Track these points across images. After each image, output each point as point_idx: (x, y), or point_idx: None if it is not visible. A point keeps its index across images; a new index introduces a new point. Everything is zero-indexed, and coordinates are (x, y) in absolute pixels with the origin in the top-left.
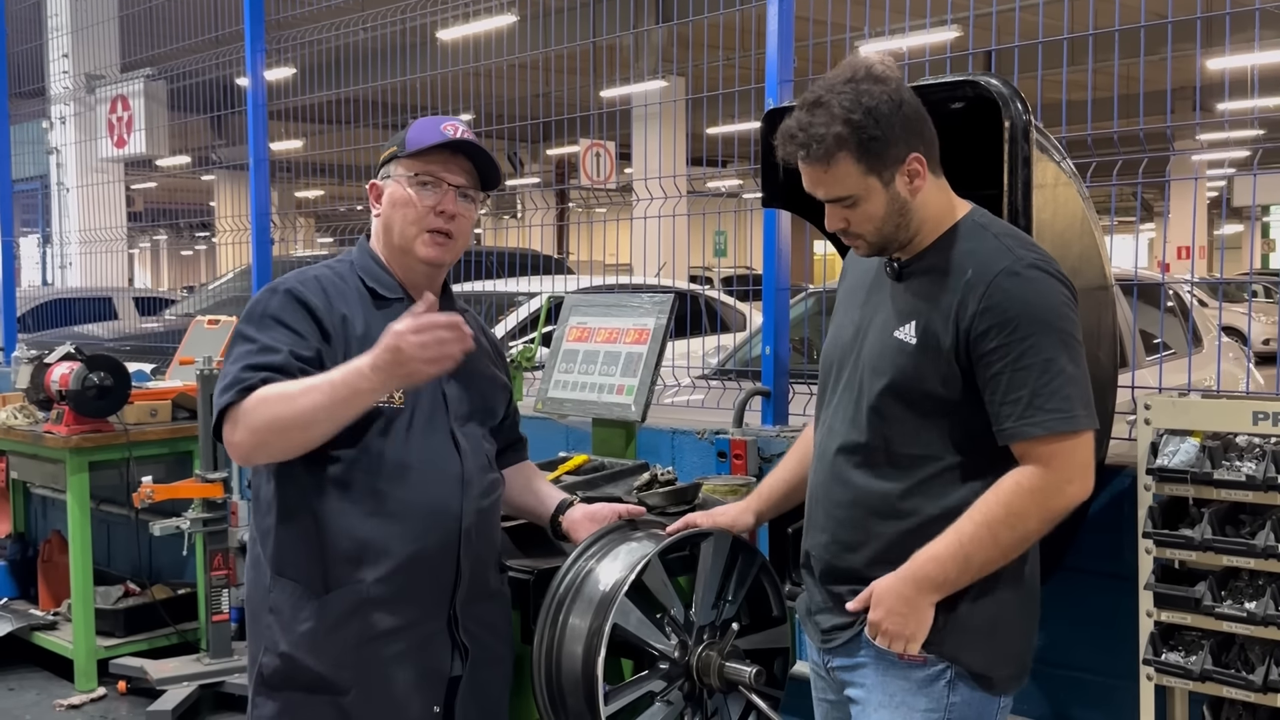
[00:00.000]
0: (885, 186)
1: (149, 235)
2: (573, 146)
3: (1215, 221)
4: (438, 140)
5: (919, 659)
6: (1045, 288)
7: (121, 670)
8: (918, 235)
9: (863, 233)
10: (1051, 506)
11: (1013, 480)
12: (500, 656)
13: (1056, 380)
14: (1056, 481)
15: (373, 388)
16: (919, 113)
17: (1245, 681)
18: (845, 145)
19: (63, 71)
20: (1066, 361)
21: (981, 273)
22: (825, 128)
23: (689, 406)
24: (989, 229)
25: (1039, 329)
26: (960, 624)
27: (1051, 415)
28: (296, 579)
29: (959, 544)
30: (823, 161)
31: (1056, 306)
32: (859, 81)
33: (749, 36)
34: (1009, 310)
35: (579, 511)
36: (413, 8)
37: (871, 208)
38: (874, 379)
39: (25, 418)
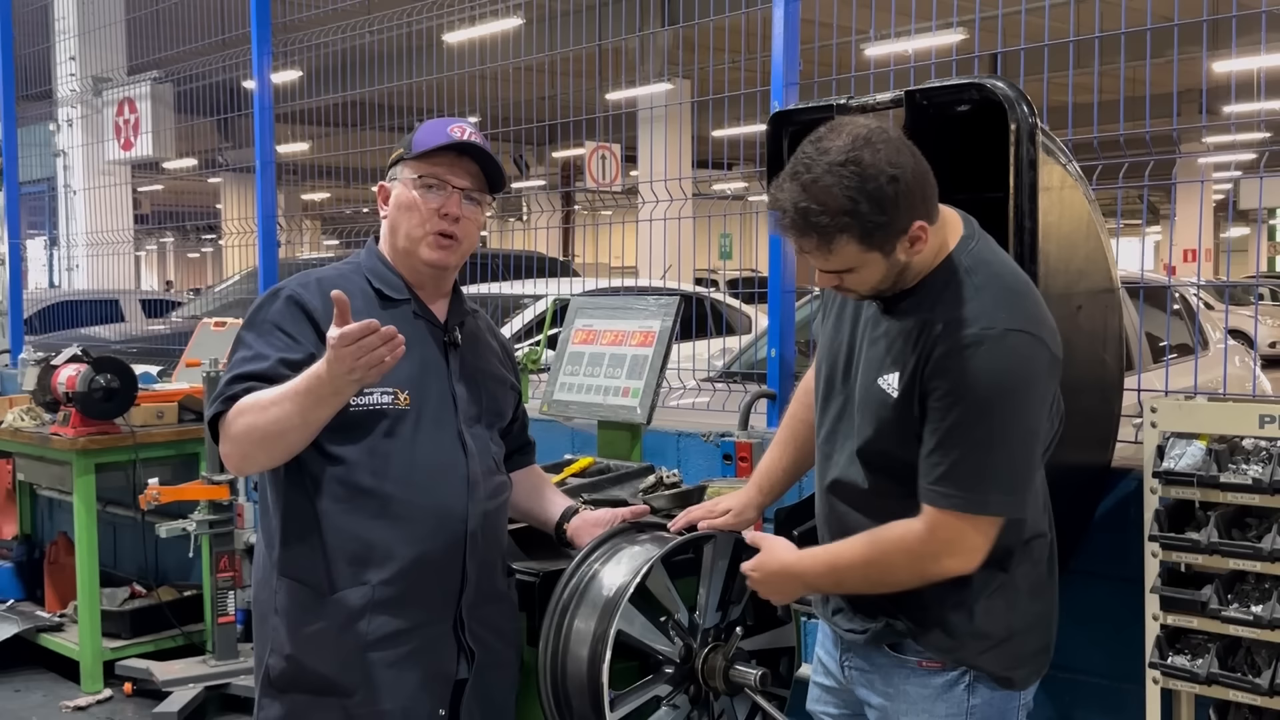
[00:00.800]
0: (886, 257)
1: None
2: (578, 149)
3: (1221, 224)
4: (442, 142)
5: (936, 664)
6: (1006, 364)
7: (127, 672)
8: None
9: (855, 289)
10: (925, 570)
11: (900, 533)
12: (506, 660)
13: (982, 459)
14: (938, 553)
15: (332, 392)
16: (920, 175)
17: (1252, 685)
18: (848, 230)
19: (70, 74)
20: (1000, 446)
21: (950, 329)
22: (826, 217)
23: (694, 409)
24: (974, 275)
25: (985, 405)
26: (977, 634)
27: (959, 496)
28: (302, 581)
29: (834, 568)
30: (821, 247)
31: (1012, 387)
32: (859, 160)
33: (754, 39)
34: (964, 378)
35: (583, 519)
36: (419, 11)
37: (869, 274)
38: (863, 424)
39: (32, 420)
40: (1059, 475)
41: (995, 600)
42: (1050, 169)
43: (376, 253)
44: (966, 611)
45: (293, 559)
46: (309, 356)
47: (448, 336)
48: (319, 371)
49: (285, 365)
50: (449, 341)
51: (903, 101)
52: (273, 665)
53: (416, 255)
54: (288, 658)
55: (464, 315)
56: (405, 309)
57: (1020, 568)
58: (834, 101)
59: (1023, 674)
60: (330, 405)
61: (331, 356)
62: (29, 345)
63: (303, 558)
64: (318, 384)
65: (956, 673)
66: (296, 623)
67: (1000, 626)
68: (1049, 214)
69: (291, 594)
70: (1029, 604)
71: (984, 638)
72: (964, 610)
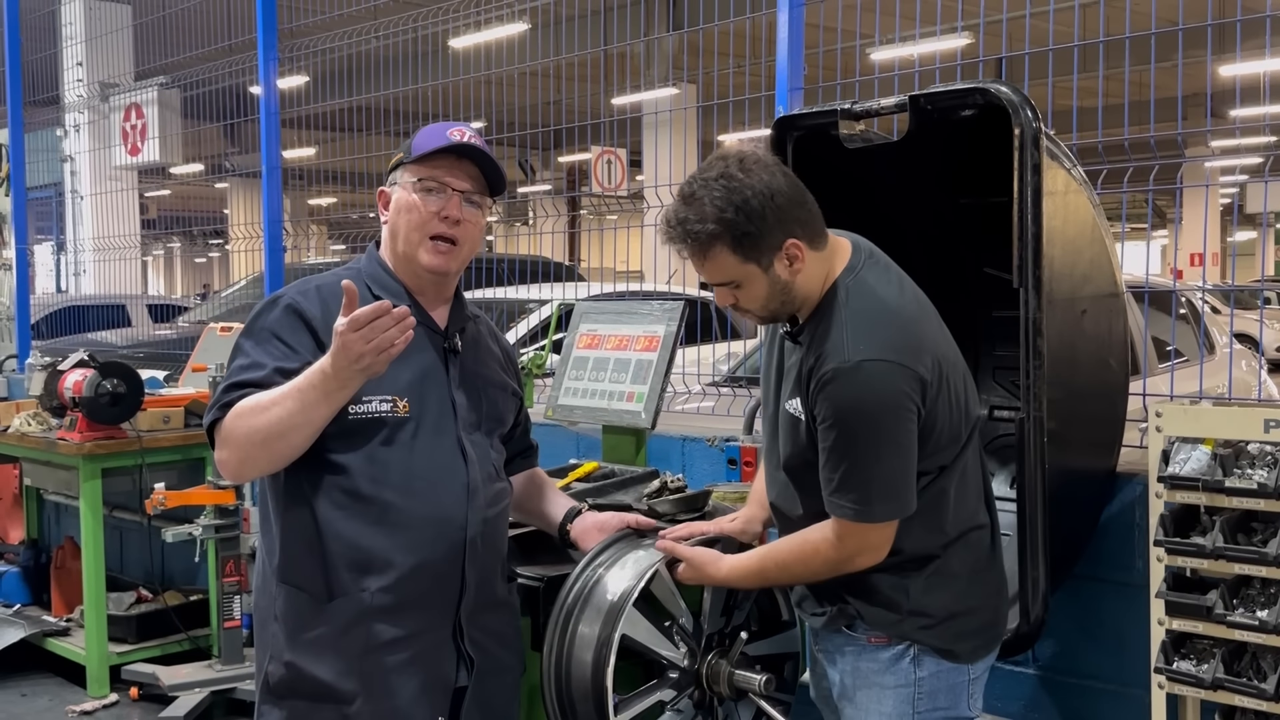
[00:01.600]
0: (765, 272)
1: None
2: (584, 154)
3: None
4: (442, 144)
5: (883, 640)
6: (862, 390)
7: (134, 676)
8: (800, 307)
9: (750, 309)
10: (842, 569)
11: (815, 540)
12: (507, 666)
13: (861, 476)
14: (848, 555)
15: (338, 386)
16: (792, 197)
17: (1257, 690)
18: (720, 239)
19: (77, 80)
20: (873, 461)
21: (819, 363)
22: (700, 224)
23: (699, 414)
24: (847, 304)
25: (851, 430)
26: (916, 611)
27: (848, 507)
28: (301, 587)
29: (762, 570)
30: (699, 255)
31: (871, 409)
32: (730, 175)
33: (759, 44)
34: (836, 405)
35: (587, 520)
36: (425, 16)
37: (754, 290)
38: (783, 443)
39: (39, 424)
40: (1064, 480)
41: (931, 584)
42: (1054, 173)
43: (377, 258)
44: (904, 593)
45: (292, 566)
46: (305, 365)
47: (448, 343)
48: (322, 366)
49: (281, 374)
50: (449, 348)
51: (906, 106)
52: (272, 672)
53: (416, 260)
54: (287, 664)
55: (465, 321)
56: None
57: (956, 556)
58: (838, 106)
59: (966, 648)
60: (333, 401)
61: (338, 345)
62: (36, 350)
63: (302, 564)
64: (321, 379)
65: (901, 647)
66: (296, 629)
67: (938, 607)
68: (1053, 218)
69: (291, 600)
70: (968, 586)
71: (923, 615)
72: (902, 592)
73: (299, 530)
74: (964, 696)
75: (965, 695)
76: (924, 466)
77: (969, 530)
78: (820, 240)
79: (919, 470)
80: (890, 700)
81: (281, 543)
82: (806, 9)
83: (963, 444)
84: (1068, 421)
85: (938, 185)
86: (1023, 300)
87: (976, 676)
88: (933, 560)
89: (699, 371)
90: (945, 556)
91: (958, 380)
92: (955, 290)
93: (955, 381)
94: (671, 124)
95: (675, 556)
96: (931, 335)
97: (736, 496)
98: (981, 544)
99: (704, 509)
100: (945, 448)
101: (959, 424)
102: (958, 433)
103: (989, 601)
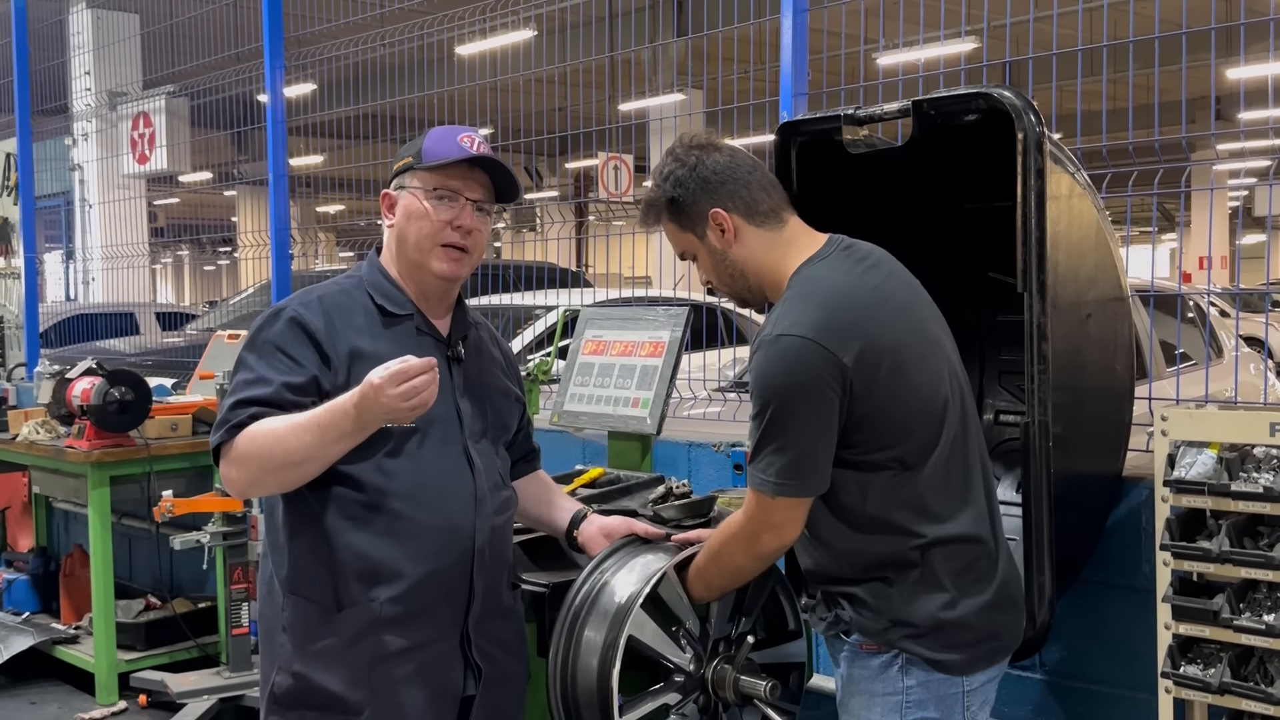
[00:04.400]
0: (701, 240)
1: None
2: (591, 160)
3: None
4: (456, 156)
5: (873, 647)
6: (775, 362)
7: (142, 684)
8: (766, 289)
9: (714, 284)
10: (754, 549)
11: (728, 522)
12: (514, 674)
13: (767, 450)
14: (755, 531)
15: (359, 429)
16: (722, 173)
17: (1265, 695)
18: (659, 209)
19: (85, 89)
20: (779, 434)
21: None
22: (648, 194)
23: (705, 419)
24: (789, 290)
25: (763, 402)
26: (900, 621)
27: (755, 477)
28: (310, 598)
29: (699, 569)
30: (653, 224)
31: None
32: (673, 153)
33: (765, 49)
34: (754, 376)
35: (593, 526)
36: (431, 24)
37: (702, 260)
38: None
39: (47, 433)
40: (1070, 484)
41: (913, 592)
42: (1058, 178)
43: (378, 266)
44: (886, 600)
45: (300, 576)
46: (311, 380)
47: (451, 351)
48: (345, 408)
49: (289, 389)
50: (452, 356)
51: (910, 111)
52: (279, 683)
53: (427, 267)
54: (295, 675)
55: (467, 328)
56: (408, 325)
57: (941, 565)
58: (842, 112)
59: (958, 660)
60: (352, 440)
61: (372, 396)
62: (44, 358)
63: (310, 575)
64: (344, 419)
65: (889, 655)
66: (304, 640)
67: (923, 616)
68: (1057, 223)
69: (299, 611)
70: (957, 597)
71: (907, 625)
72: (884, 599)
73: (308, 542)
74: (958, 708)
75: (960, 707)
76: (873, 459)
77: (954, 539)
78: (764, 220)
79: (868, 463)
80: (879, 708)
81: (290, 554)
82: (811, 14)
83: (932, 443)
84: (1073, 426)
85: (942, 190)
86: (1027, 305)
87: (974, 688)
88: (913, 569)
89: (705, 377)
90: (927, 565)
91: (920, 375)
92: (960, 294)
93: (912, 376)
94: (678, 129)
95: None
96: (878, 324)
97: (743, 502)
98: (971, 554)
99: (710, 515)
100: (896, 443)
101: (914, 420)
102: (911, 429)
103: (986, 615)
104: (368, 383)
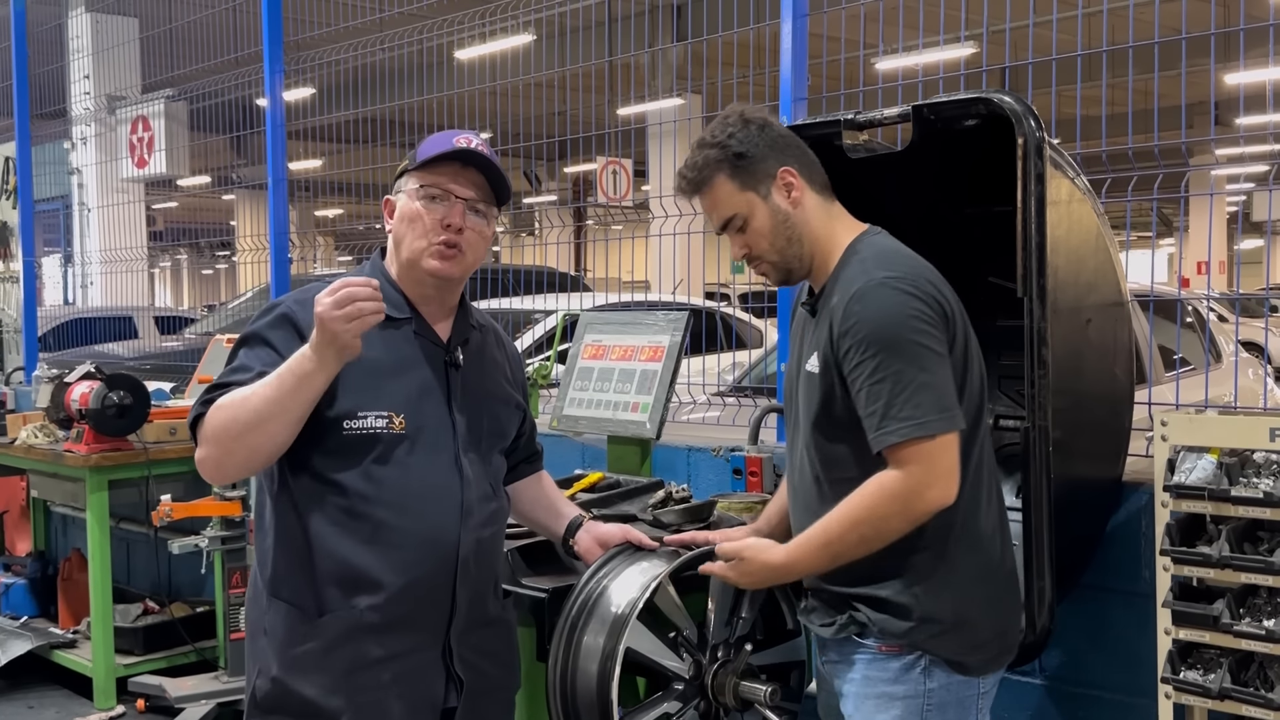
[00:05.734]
0: (764, 200)
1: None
2: (590, 164)
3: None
4: (446, 150)
5: (895, 649)
6: (890, 303)
7: (140, 688)
8: (815, 260)
9: (761, 253)
10: (913, 508)
11: (877, 483)
12: (500, 684)
13: (907, 390)
14: (916, 486)
15: (316, 368)
16: (790, 138)
17: (1265, 700)
18: (718, 167)
19: (84, 93)
20: (917, 371)
21: (842, 297)
22: (700, 156)
23: (705, 423)
24: (860, 253)
25: (886, 344)
26: (926, 618)
27: (905, 423)
28: (291, 602)
29: (826, 540)
30: (703, 186)
31: (903, 320)
32: (728, 121)
33: (764, 54)
34: (859, 330)
35: (589, 536)
36: (430, 28)
37: (758, 224)
38: (804, 416)
39: (46, 437)
40: (1070, 489)
41: (939, 587)
42: (1058, 183)
43: (380, 269)
44: (912, 596)
45: (283, 580)
46: None
47: (449, 357)
48: (302, 349)
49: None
50: (450, 362)
51: (910, 116)
52: (259, 687)
53: (420, 266)
54: (274, 680)
55: (468, 333)
56: (406, 328)
57: (964, 559)
58: (841, 116)
59: (977, 660)
60: (310, 384)
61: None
62: (43, 362)
63: (293, 580)
64: (297, 360)
65: (912, 656)
66: (284, 644)
67: (947, 612)
68: (1057, 227)
69: (280, 615)
70: (977, 592)
71: (933, 622)
72: (910, 595)
73: (291, 545)
74: (973, 711)
75: (974, 710)
76: None
77: (979, 534)
78: (822, 188)
79: None
80: (898, 709)
81: (273, 557)
82: (810, 19)
83: (975, 428)
84: (1073, 430)
85: (942, 195)
86: (1027, 309)
87: (986, 691)
88: (941, 562)
89: (704, 381)
90: (951, 559)
91: (976, 352)
92: (960, 299)
93: (974, 349)
94: (677, 134)
95: (727, 554)
96: (951, 290)
97: (742, 506)
98: (992, 549)
99: (709, 519)
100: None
101: (972, 396)
102: (967, 405)
103: (999, 610)
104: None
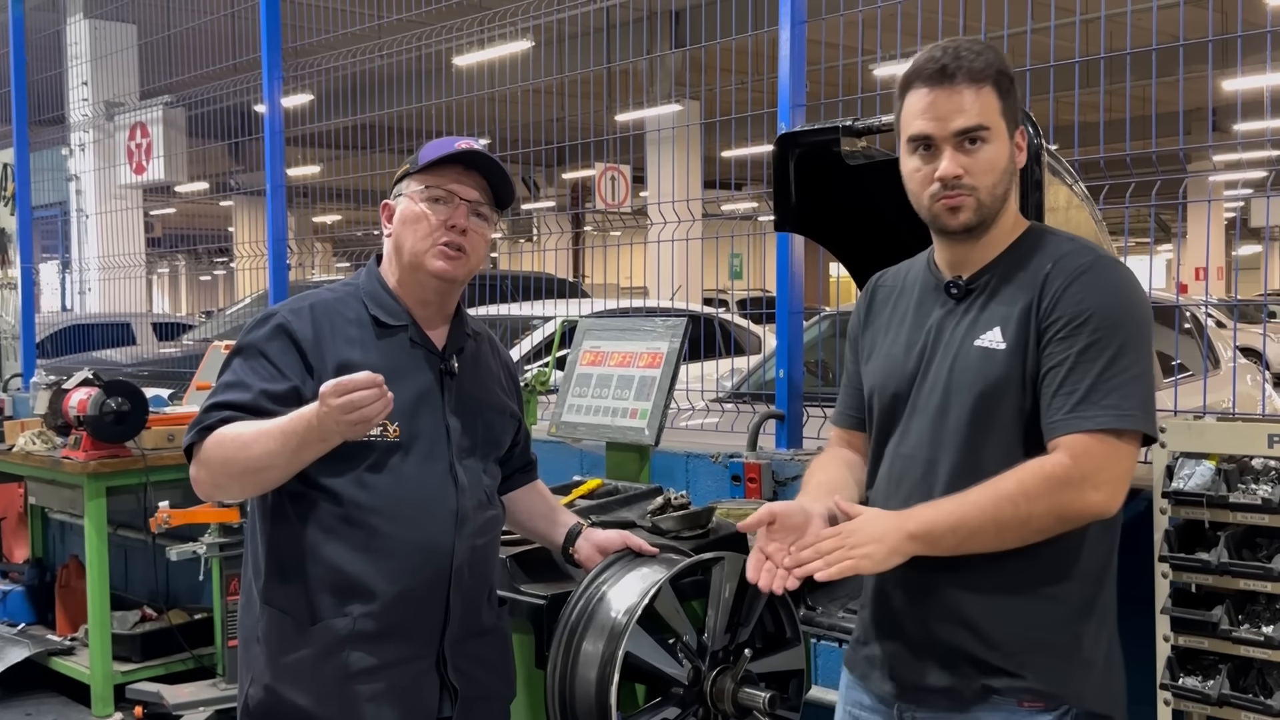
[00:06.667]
0: (1009, 135)
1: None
2: (588, 170)
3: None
4: (449, 152)
5: (1039, 704)
6: (1129, 285)
7: (138, 695)
8: (994, 229)
9: (977, 184)
10: (1068, 504)
11: (1037, 465)
12: (495, 693)
13: (1120, 376)
14: (1080, 480)
15: (320, 439)
16: None
17: (1264, 706)
18: (991, 80)
19: (82, 99)
20: (1134, 360)
21: (1063, 266)
22: (980, 59)
23: (703, 430)
24: (1059, 234)
25: (1114, 323)
26: (1084, 660)
27: (1106, 411)
28: (284, 610)
29: (959, 506)
30: (975, 83)
31: (1138, 304)
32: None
33: (762, 60)
34: (1085, 302)
35: (589, 543)
36: (429, 34)
37: (995, 152)
38: (960, 393)
39: (43, 443)
40: None
41: (1094, 623)
42: (1056, 189)
43: (377, 275)
44: (1075, 639)
45: (276, 588)
46: (292, 389)
47: (444, 365)
48: (308, 417)
49: (267, 397)
50: (445, 370)
51: None
52: (252, 695)
53: (423, 268)
54: (266, 688)
55: (464, 340)
56: (401, 336)
57: (1107, 590)
58: (840, 123)
59: (1120, 713)
60: (314, 450)
61: (321, 405)
62: (41, 369)
63: (286, 587)
64: (305, 428)
65: (1058, 712)
66: (277, 652)
67: (1098, 655)
68: None
69: (273, 623)
70: (1112, 634)
71: (1089, 666)
72: (1067, 632)
73: (284, 552)
74: None
75: None
76: None
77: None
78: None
79: None
80: None
81: (267, 565)
82: (809, 26)
83: None
84: None
85: None
86: None
87: None
88: (1096, 599)
89: (703, 388)
90: (1100, 596)
91: None
92: None
93: None
94: (675, 140)
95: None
96: None
97: (741, 513)
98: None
99: (708, 525)
100: None
101: None
102: None
103: (1118, 648)
104: (320, 393)
